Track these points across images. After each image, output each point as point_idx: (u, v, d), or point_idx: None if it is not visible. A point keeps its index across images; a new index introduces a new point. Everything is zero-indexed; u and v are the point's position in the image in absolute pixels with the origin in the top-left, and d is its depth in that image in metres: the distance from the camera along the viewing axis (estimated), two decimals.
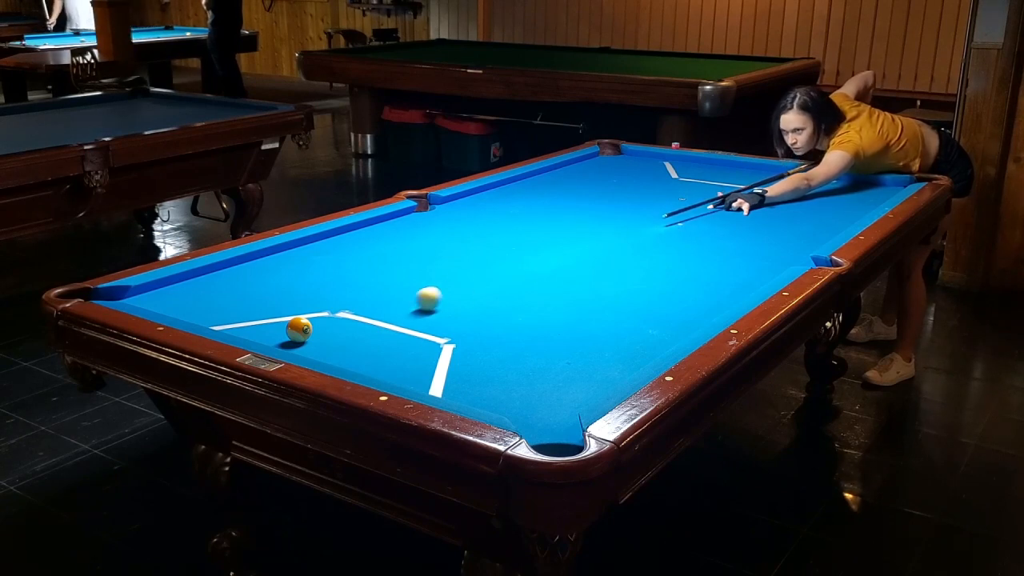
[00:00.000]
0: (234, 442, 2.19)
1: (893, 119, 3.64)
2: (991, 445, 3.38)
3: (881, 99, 4.09)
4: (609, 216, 3.26)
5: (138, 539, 2.80)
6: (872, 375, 3.79)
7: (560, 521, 1.56)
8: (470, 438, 1.59)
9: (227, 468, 2.26)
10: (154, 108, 5.56)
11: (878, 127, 3.55)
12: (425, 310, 2.32)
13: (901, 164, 3.62)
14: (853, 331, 4.01)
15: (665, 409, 1.72)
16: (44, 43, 9.06)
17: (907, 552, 2.78)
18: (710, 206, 3.31)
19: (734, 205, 3.29)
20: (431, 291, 2.33)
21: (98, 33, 7.59)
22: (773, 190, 3.39)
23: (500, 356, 2.07)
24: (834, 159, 3.47)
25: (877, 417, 3.59)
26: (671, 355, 1.95)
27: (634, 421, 1.66)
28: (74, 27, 10.13)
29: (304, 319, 2.14)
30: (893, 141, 3.57)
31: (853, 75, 4.10)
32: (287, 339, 2.11)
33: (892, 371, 3.80)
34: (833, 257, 2.59)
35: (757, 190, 3.36)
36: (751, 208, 3.27)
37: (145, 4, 14.27)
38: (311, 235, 2.92)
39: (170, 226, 6.11)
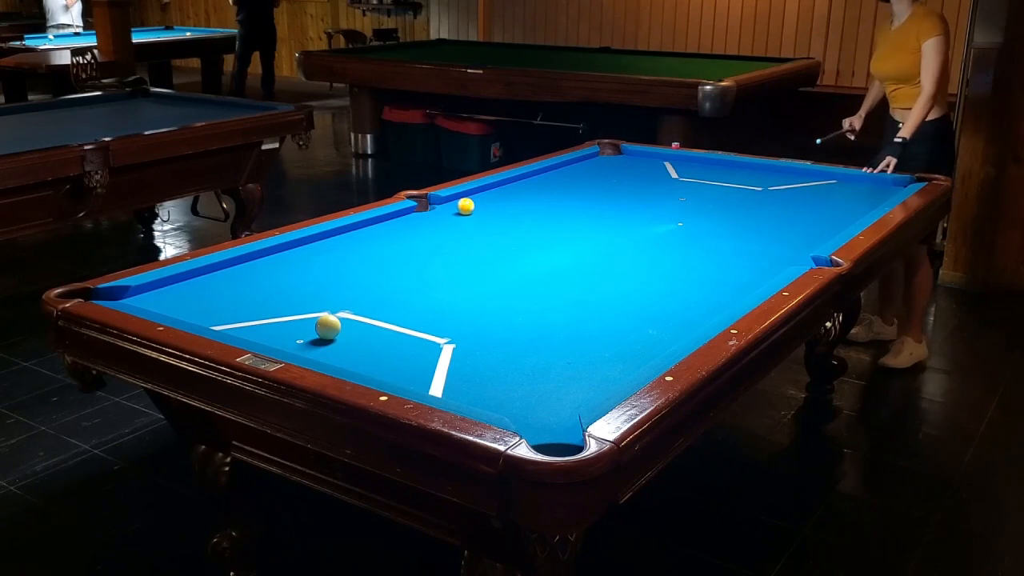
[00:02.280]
0: (234, 442, 2.19)
1: None
2: (991, 445, 3.38)
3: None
4: (609, 216, 3.26)
5: (138, 539, 2.80)
6: (887, 360, 3.92)
7: (560, 521, 1.56)
8: (470, 438, 1.59)
9: (227, 468, 2.26)
10: (154, 108, 5.56)
11: None
12: (324, 336, 2.13)
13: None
14: (853, 330, 4.04)
15: (665, 409, 1.72)
16: (44, 43, 9.06)
17: (907, 552, 2.78)
18: (865, 168, 3.60)
19: (880, 168, 3.50)
20: (329, 319, 2.14)
21: (98, 33, 7.59)
22: (907, 130, 3.65)
23: (500, 356, 2.07)
24: (930, 47, 3.70)
25: (877, 417, 3.59)
26: (671, 355, 1.95)
27: (634, 421, 1.66)
28: (53, 23, 10.10)
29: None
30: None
31: (853, 75, 4.18)
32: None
33: (905, 353, 3.92)
34: (833, 257, 2.59)
35: (896, 139, 3.59)
36: (896, 161, 3.54)
37: (145, 4, 14.28)
38: (311, 235, 2.91)
39: (170, 226, 6.11)
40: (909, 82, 3.85)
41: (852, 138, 3.98)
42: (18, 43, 9.06)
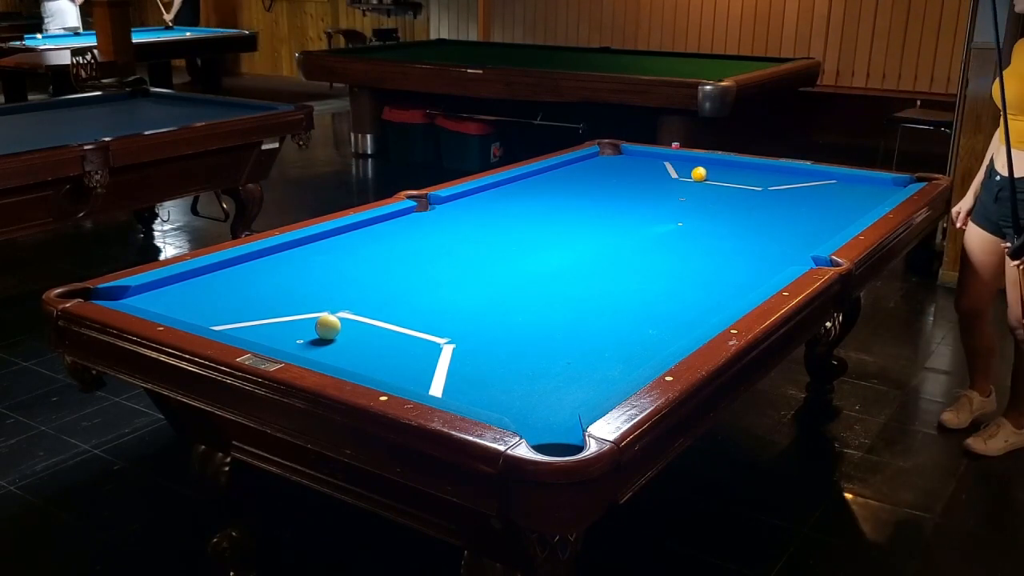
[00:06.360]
0: (234, 442, 2.19)
1: None
2: None
3: (881, 99, 4.10)
4: (609, 216, 3.26)
5: (138, 539, 2.80)
6: (975, 444, 3.29)
7: (560, 521, 1.56)
8: (470, 438, 1.59)
9: (227, 468, 2.26)
10: (154, 108, 5.56)
11: None
12: (324, 336, 2.14)
13: None
14: (946, 416, 3.47)
15: (665, 409, 1.72)
16: (44, 43, 9.06)
17: (907, 552, 2.78)
18: (1004, 244, 2.97)
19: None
20: (329, 319, 2.14)
21: (98, 33, 7.59)
22: None
23: (500, 356, 2.07)
24: None
25: (877, 417, 3.59)
26: (671, 355, 1.95)
27: (634, 421, 1.66)
28: (60, 26, 10.08)
29: None
30: None
31: (853, 75, 4.07)
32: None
33: (999, 439, 3.28)
34: (833, 257, 2.59)
35: None
36: None
37: (145, 4, 14.27)
38: (311, 235, 2.91)
39: (170, 226, 6.11)
40: None
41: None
42: (18, 43, 9.05)
